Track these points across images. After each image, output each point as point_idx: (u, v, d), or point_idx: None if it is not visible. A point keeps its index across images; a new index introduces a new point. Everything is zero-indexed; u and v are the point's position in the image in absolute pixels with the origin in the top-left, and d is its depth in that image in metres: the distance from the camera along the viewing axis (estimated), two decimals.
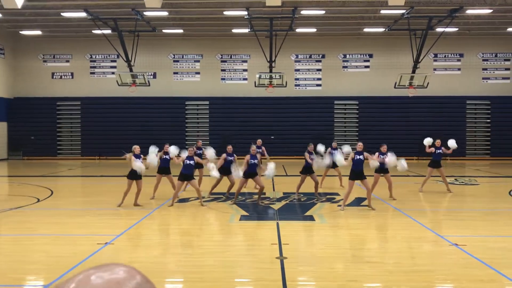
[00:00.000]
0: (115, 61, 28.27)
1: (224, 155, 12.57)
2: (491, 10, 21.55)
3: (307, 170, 12.53)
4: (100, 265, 0.89)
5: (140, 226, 9.60)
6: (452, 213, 11.76)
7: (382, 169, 12.08)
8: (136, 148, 11.50)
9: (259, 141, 14.87)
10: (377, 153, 11.83)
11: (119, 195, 11.80)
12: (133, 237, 8.78)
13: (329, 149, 13.85)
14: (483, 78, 28.23)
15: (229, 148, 12.89)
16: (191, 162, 11.65)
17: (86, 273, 0.86)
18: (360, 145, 11.25)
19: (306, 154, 12.50)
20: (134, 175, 11.36)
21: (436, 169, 13.74)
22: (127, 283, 0.86)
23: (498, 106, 27.84)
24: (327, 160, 12.22)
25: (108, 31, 23.57)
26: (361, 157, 11.11)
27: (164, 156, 12.56)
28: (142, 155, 11.56)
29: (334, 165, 13.15)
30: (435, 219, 10.42)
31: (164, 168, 12.58)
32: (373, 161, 11.44)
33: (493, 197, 14.28)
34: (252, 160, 11.77)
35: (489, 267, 6.54)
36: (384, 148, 12.11)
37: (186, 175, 11.57)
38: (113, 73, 27.74)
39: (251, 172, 11.80)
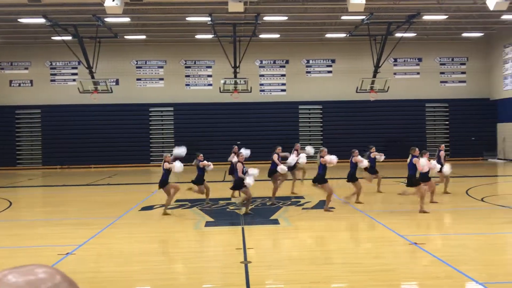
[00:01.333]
0: (76, 68, 27.71)
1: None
2: (447, 16, 22.35)
3: (353, 177, 12.64)
4: (24, 265, 0.89)
5: (104, 235, 9.44)
6: (412, 213, 12.06)
7: (425, 176, 11.99)
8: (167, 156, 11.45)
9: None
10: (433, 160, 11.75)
11: (81, 204, 11.59)
12: (96, 246, 8.62)
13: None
14: (441, 82, 29.17)
15: (280, 151, 13.42)
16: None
17: (4, 272, 0.86)
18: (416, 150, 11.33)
19: (357, 158, 12.51)
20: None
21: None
22: (41, 284, 0.85)
23: (456, 109, 28.82)
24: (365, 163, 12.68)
25: (69, 38, 23.10)
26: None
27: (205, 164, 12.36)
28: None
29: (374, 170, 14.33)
30: (396, 219, 10.65)
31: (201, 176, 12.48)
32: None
33: (452, 197, 14.72)
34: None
35: (446, 264, 6.77)
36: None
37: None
38: (74, 80, 27.20)
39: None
